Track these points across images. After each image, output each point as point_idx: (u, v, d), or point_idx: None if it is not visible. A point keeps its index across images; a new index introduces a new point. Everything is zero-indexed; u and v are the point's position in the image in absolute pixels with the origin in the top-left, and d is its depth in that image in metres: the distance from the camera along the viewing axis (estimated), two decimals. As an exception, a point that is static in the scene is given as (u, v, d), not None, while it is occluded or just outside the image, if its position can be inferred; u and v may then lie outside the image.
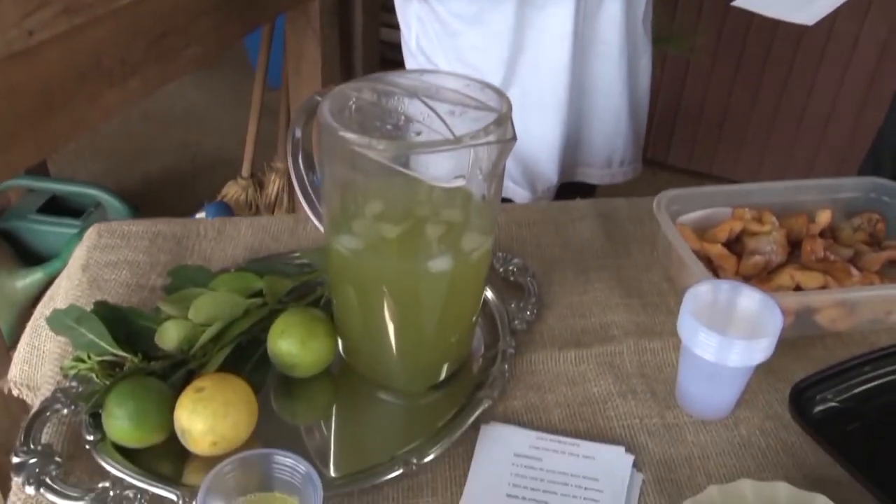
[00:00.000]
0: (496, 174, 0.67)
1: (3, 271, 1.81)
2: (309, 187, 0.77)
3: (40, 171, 2.08)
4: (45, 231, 1.92)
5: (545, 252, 0.95)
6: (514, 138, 0.64)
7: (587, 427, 0.74)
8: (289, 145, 0.75)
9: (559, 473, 0.70)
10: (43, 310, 0.93)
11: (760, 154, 2.42)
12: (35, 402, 0.87)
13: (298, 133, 0.75)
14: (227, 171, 2.32)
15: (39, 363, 0.88)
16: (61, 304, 0.86)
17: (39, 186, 1.96)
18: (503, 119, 0.65)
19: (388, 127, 0.68)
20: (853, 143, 2.22)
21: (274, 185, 2.11)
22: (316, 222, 0.78)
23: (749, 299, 0.73)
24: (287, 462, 0.60)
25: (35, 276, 1.84)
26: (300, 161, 0.76)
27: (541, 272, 0.91)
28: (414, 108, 0.68)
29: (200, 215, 1.98)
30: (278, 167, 2.12)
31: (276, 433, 0.73)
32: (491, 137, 0.63)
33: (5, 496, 1.18)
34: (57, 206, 1.98)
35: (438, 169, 0.64)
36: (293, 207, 2.12)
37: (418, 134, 0.67)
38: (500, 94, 0.69)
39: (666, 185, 0.97)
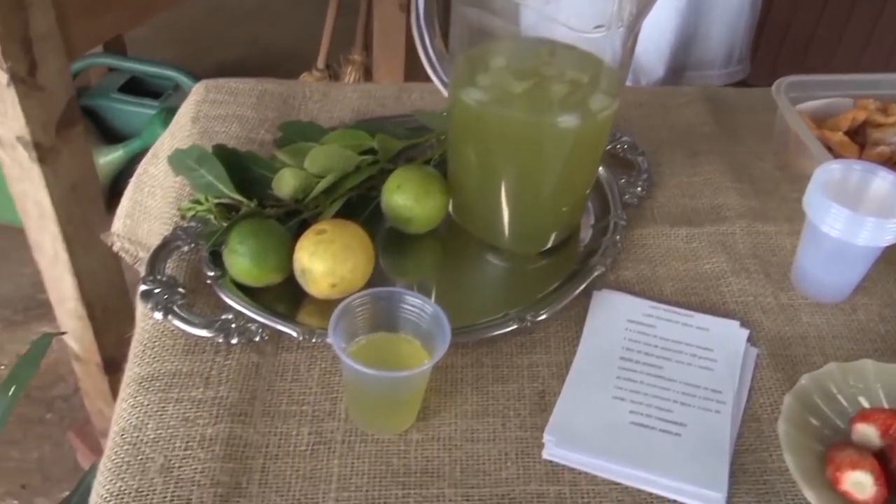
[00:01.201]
0: (635, 29, 0.64)
1: (86, 147, 1.84)
2: (430, 47, 0.76)
3: (120, 53, 2.09)
4: (126, 110, 1.93)
5: (653, 133, 0.92)
6: (661, -13, 0.61)
7: (699, 301, 0.73)
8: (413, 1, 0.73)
9: (673, 342, 0.69)
10: (146, 166, 0.94)
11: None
12: (136, 255, 0.89)
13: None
14: (298, 64, 2.30)
15: (142, 218, 0.90)
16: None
17: (123, 66, 1.97)
18: (648, -31, 0.62)
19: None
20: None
21: (350, 77, 2.09)
22: (437, 82, 0.77)
23: (883, 181, 0.71)
24: (415, 302, 0.60)
25: (116, 154, 1.86)
26: (422, 18, 0.74)
27: (649, 152, 0.89)
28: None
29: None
30: (355, 59, 2.09)
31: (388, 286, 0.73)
32: (637, -15, 0.61)
33: (102, 347, 1.22)
34: (136, 88, 1.99)
35: (580, 15, 0.62)
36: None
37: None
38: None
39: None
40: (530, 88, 0.68)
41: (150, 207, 0.87)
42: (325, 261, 0.66)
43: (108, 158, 1.85)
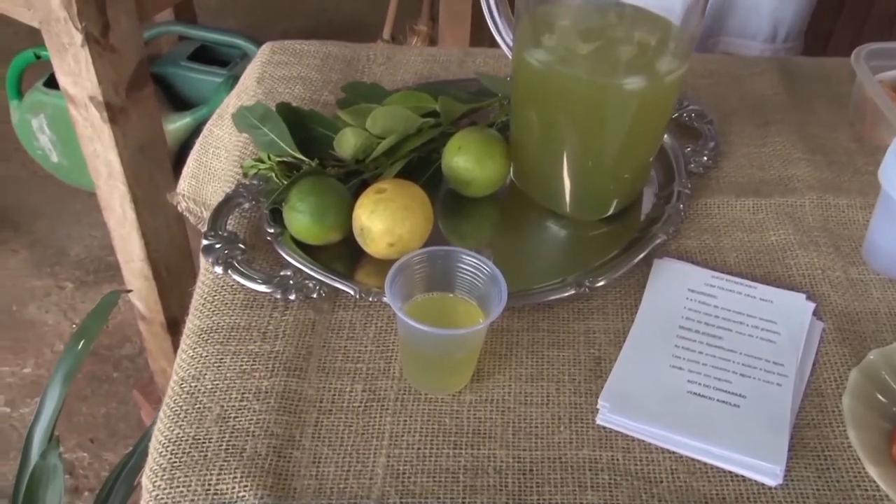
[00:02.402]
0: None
1: (155, 114, 1.87)
2: (496, 11, 0.75)
3: (190, 21, 2.12)
4: (194, 78, 1.96)
5: (722, 102, 0.90)
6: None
7: (764, 273, 0.71)
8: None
9: (734, 312, 0.67)
10: (212, 127, 0.95)
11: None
12: (201, 215, 0.91)
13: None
14: (364, 34, 2.30)
15: (207, 179, 0.91)
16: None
17: (192, 34, 1.99)
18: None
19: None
20: None
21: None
22: (503, 46, 0.76)
23: (965, 151, 0.67)
24: (472, 262, 0.60)
25: (184, 121, 1.89)
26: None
27: (718, 121, 0.86)
28: None
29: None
30: (421, 30, 2.09)
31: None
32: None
33: (166, 307, 1.25)
34: (205, 56, 2.01)
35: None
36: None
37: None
38: None
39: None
40: (596, 49, 0.66)
41: (215, 168, 0.89)
42: (385, 219, 0.66)
43: (176, 125, 1.89)
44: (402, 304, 0.60)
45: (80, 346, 1.03)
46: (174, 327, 1.31)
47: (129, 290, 1.21)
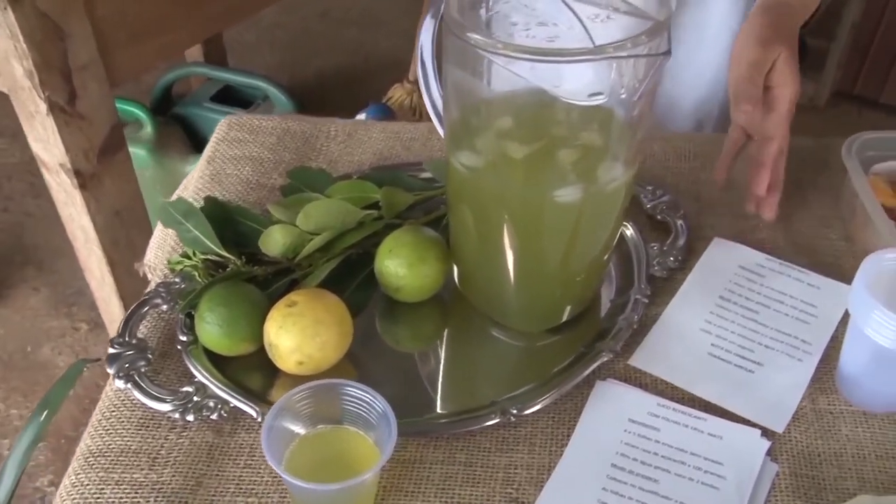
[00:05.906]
0: (644, 94, 0.56)
1: (176, 156, 1.87)
2: (436, 92, 0.69)
3: (219, 60, 2.12)
4: (216, 119, 1.94)
5: (703, 189, 0.83)
6: (668, 53, 0.53)
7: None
8: (420, 37, 0.67)
9: (677, 450, 0.60)
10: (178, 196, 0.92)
11: None
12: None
13: (433, 25, 0.66)
14: (398, 73, 2.27)
15: (172, 250, 0.88)
16: (191, 194, 0.85)
17: (213, 75, 1.99)
18: (658, 29, 0.54)
19: (522, 29, 0.59)
20: None
21: (438, 91, 2.04)
22: (441, 133, 0.71)
23: (948, 276, 0.59)
24: (363, 397, 0.54)
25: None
26: (431, 61, 0.68)
27: (693, 212, 0.79)
28: (551, 6, 0.57)
29: (360, 116, 1.95)
30: (445, 73, 2.04)
31: (373, 359, 0.68)
32: (639, 50, 0.52)
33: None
34: (230, 96, 2.01)
35: (573, 82, 0.55)
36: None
37: (551, 40, 0.57)
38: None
39: (872, 127, 0.81)
40: (529, 155, 0.60)
41: (173, 242, 0.86)
42: (293, 336, 0.61)
43: (193, 167, 1.88)
44: (299, 430, 0.55)
45: (42, 418, 1.01)
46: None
47: (97, 360, 1.19)
